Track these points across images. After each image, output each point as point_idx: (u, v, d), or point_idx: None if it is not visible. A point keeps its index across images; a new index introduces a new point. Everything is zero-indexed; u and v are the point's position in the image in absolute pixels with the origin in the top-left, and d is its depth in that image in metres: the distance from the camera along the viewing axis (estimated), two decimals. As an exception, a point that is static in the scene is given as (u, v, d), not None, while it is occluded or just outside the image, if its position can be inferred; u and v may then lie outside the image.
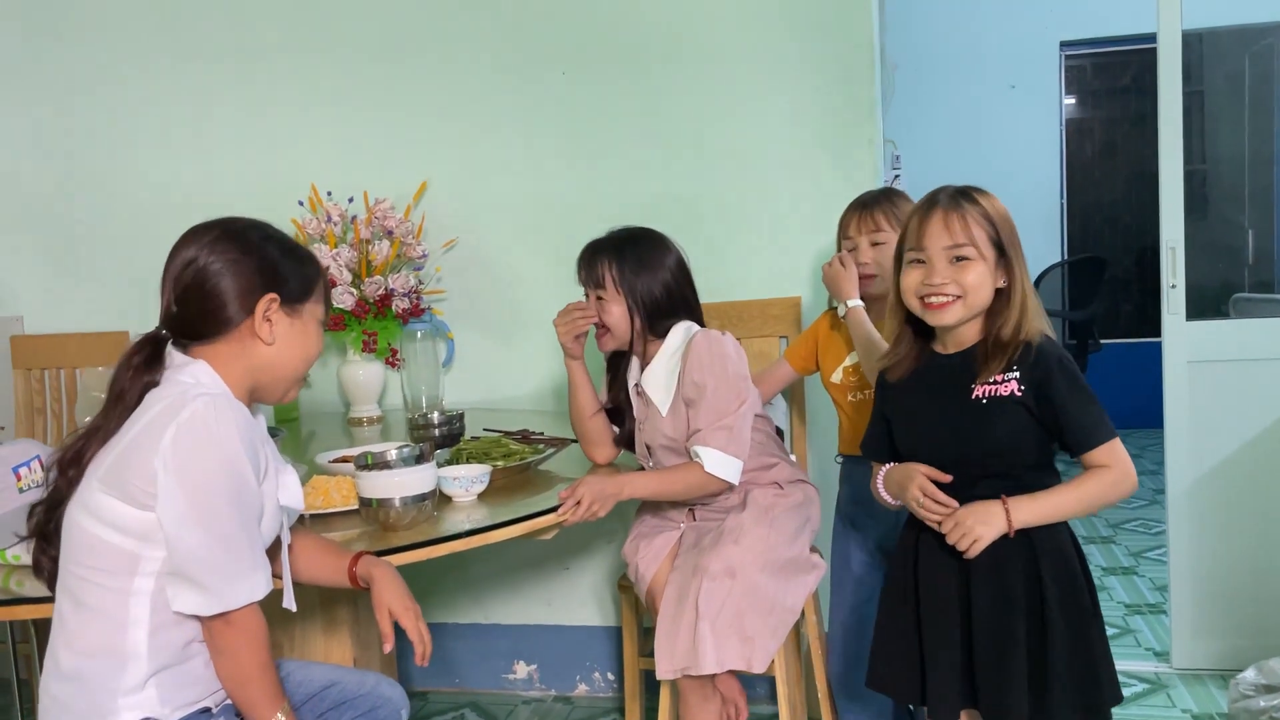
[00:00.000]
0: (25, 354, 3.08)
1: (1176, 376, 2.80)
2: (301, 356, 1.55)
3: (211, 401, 1.39)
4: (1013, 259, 1.68)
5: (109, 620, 1.40)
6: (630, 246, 2.16)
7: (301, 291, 1.53)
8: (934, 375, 1.74)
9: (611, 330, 2.15)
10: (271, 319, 1.49)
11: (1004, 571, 1.66)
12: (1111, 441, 1.65)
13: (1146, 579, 3.63)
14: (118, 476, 1.38)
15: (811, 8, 2.71)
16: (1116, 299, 6.33)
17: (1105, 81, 6.39)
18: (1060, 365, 1.65)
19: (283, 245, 1.54)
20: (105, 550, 1.39)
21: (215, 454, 1.37)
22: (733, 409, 2.06)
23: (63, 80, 3.19)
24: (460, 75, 2.95)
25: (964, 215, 1.67)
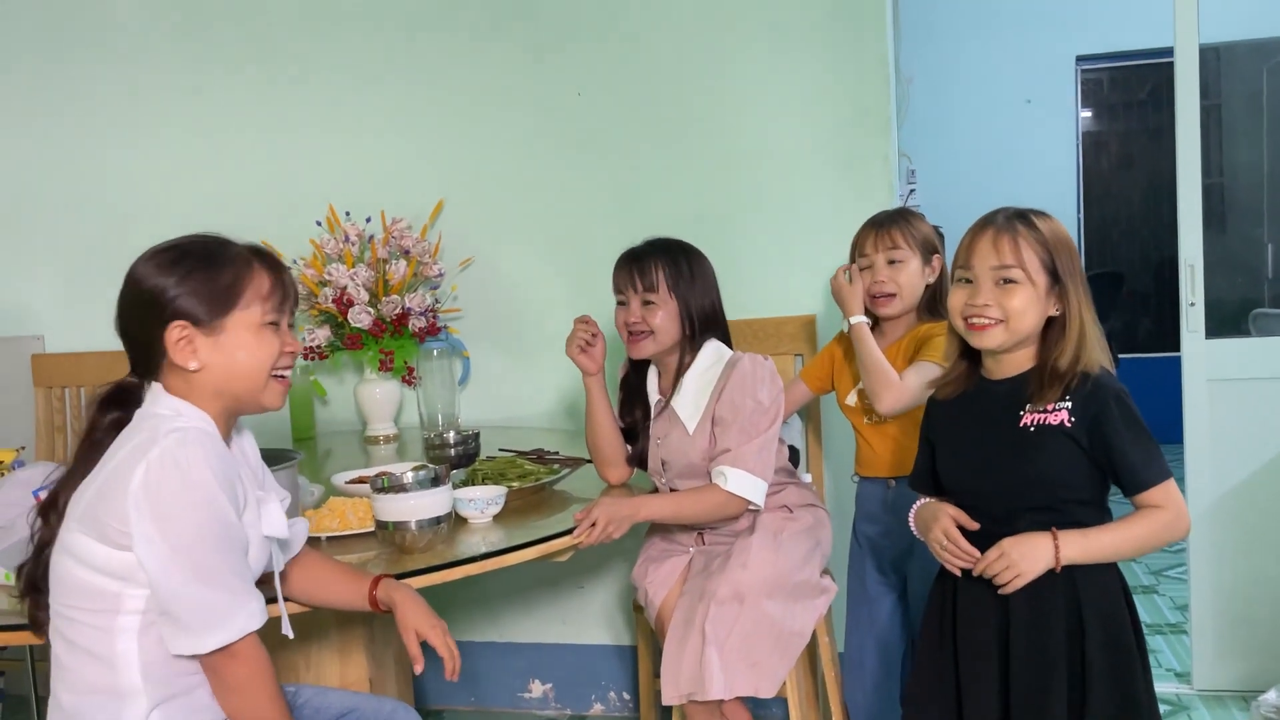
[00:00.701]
0: (46, 372, 3.10)
1: (1196, 395, 2.78)
2: (242, 371, 1.45)
3: (181, 437, 1.36)
4: (1069, 287, 1.61)
5: (100, 660, 1.39)
6: (681, 254, 2.17)
7: (219, 306, 1.44)
8: (981, 401, 1.69)
9: (656, 334, 2.12)
10: (191, 343, 1.43)
11: (1043, 619, 1.60)
12: (1166, 482, 1.58)
13: (1167, 598, 3.60)
14: (93, 517, 1.37)
15: (826, 24, 2.71)
16: (1134, 314, 6.30)
17: (1122, 95, 6.37)
18: (1118, 400, 1.58)
19: (194, 260, 1.45)
20: (88, 591, 1.38)
21: (188, 493, 1.34)
22: (762, 430, 2.06)
23: (83, 101, 3.22)
24: (476, 95, 2.96)
25: (1015, 237, 1.61)
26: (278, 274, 1.51)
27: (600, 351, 2.20)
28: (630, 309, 2.15)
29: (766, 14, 2.75)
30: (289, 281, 1.53)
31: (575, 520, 1.90)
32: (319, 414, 3.10)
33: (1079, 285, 1.63)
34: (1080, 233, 6.07)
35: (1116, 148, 6.40)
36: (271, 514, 1.50)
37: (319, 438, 3.02)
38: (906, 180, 5.38)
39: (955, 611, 1.71)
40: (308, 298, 2.90)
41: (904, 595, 2.28)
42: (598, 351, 2.20)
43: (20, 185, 3.29)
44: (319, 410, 3.11)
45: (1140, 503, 1.60)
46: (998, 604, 1.62)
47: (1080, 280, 1.63)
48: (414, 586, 1.70)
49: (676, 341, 2.15)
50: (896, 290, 2.21)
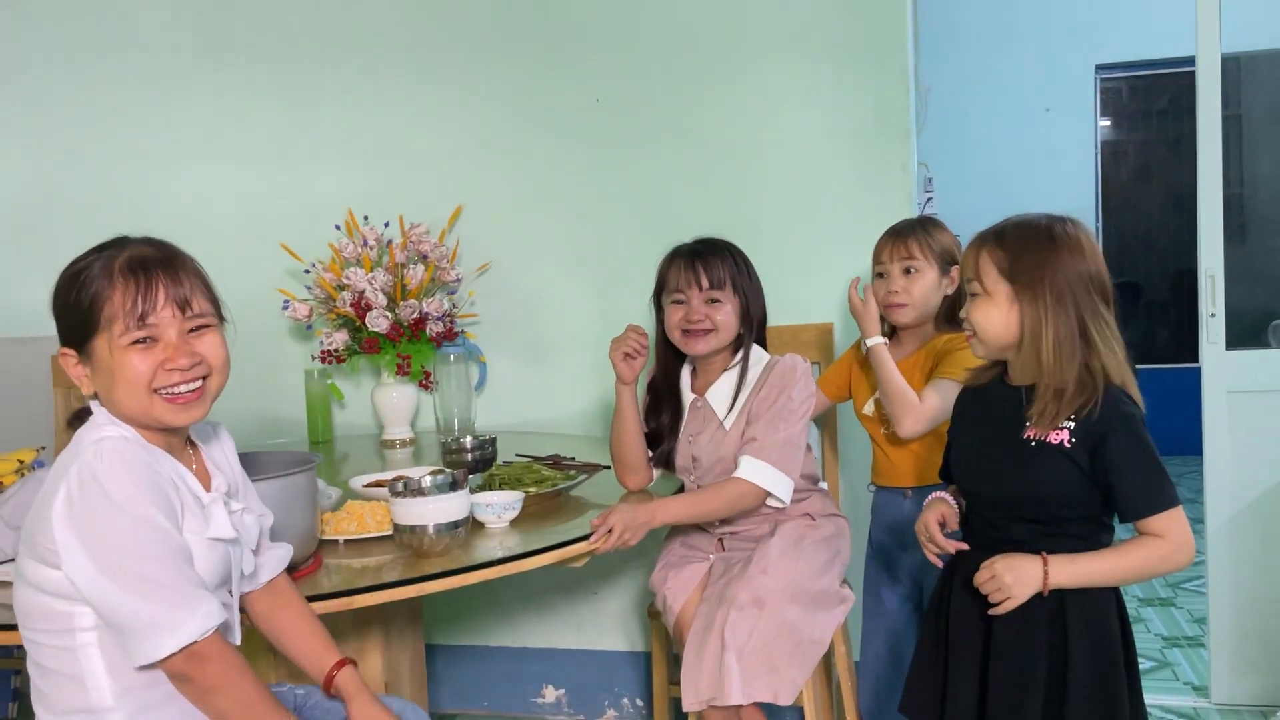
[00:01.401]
0: (65, 373, 3.12)
1: (1216, 406, 2.76)
2: (121, 396, 1.38)
3: (96, 449, 1.33)
4: (1021, 296, 1.57)
5: (70, 679, 1.37)
6: (739, 253, 2.21)
7: (82, 332, 1.39)
8: (996, 405, 1.68)
9: (718, 331, 2.14)
10: (78, 371, 1.41)
11: (1027, 629, 1.59)
12: (1168, 512, 1.54)
13: (1184, 610, 3.57)
14: (30, 539, 1.36)
15: (846, 32, 2.71)
16: (1152, 324, 6.26)
17: (1141, 104, 6.34)
18: (1124, 424, 1.54)
19: (60, 284, 1.43)
20: (43, 613, 1.37)
21: (108, 502, 1.30)
22: (790, 424, 2.07)
23: (103, 105, 3.25)
24: (495, 103, 2.97)
25: (977, 251, 1.63)
26: (147, 280, 1.40)
27: (640, 365, 2.19)
28: (692, 306, 2.14)
29: (786, 23, 2.75)
30: (167, 283, 1.40)
31: (592, 527, 1.90)
32: (336, 417, 3.11)
33: (1046, 292, 1.56)
34: (1098, 242, 6.04)
35: (1135, 157, 6.37)
36: (215, 515, 1.45)
37: (336, 441, 3.03)
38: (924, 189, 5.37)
39: (949, 611, 1.72)
40: (326, 301, 2.92)
41: (919, 606, 2.27)
42: (638, 363, 2.18)
43: (44, 189, 3.32)
44: (336, 413, 3.12)
45: (1140, 529, 1.57)
46: (983, 614, 1.63)
47: (1052, 287, 1.56)
48: (429, 591, 1.71)
49: (733, 339, 2.17)
50: (909, 300, 2.20)
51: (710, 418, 2.17)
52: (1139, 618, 3.52)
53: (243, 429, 2.93)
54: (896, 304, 2.22)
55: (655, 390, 2.29)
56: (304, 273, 2.98)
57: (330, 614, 1.71)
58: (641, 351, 2.18)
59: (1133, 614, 3.52)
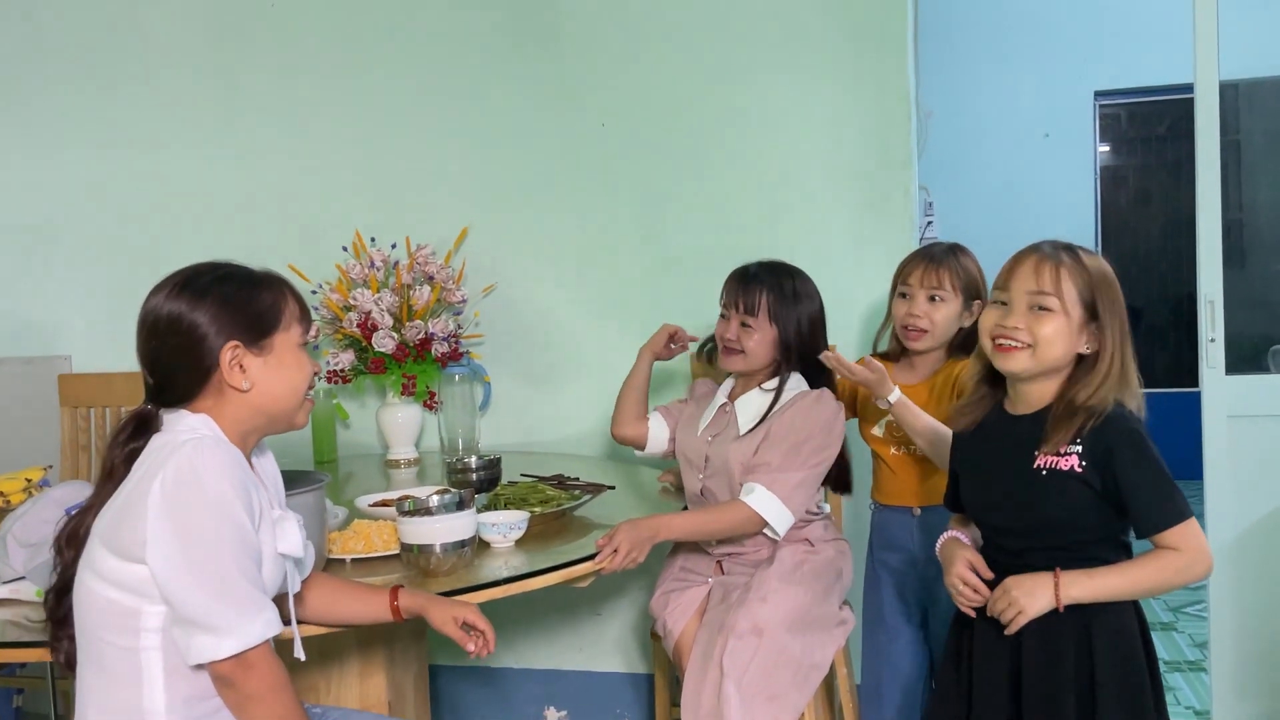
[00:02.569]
0: (73, 392, 3.14)
1: (1216, 431, 2.78)
2: (288, 389, 1.51)
3: (196, 445, 1.38)
4: (1106, 325, 1.60)
5: (124, 680, 1.39)
6: (789, 280, 2.23)
7: (265, 327, 1.48)
8: (1001, 435, 1.69)
9: (747, 355, 2.19)
10: (242, 365, 1.46)
11: (1055, 658, 1.60)
12: (1182, 524, 1.55)
13: (1186, 635, 3.57)
14: (114, 533, 1.38)
15: (848, 58, 2.75)
16: (1152, 348, 6.28)
17: (1140, 130, 6.39)
18: (1130, 440, 1.56)
19: (235, 284, 1.49)
20: (110, 609, 1.39)
21: (202, 496, 1.35)
22: (807, 463, 2.08)
23: (113, 125, 3.28)
24: (502, 125, 3.00)
25: (1058, 266, 1.61)
26: (300, 298, 1.57)
27: (675, 354, 2.50)
28: (729, 325, 2.21)
29: (789, 48, 2.78)
30: (308, 306, 1.60)
31: (597, 547, 1.91)
32: (341, 437, 3.13)
33: (1118, 326, 1.61)
34: (1098, 267, 6.07)
35: (1135, 182, 6.41)
36: (288, 532, 1.50)
37: (341, 461, 3.05)
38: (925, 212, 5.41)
39: (971, 652, 1.71)
40: (332, 322, 2.94)
41: (924, 624, 2.28)
42: (675, 351, 2.48)
43: (53, 208, 3.34)
44: (341, 433, 3.13)
45: (1156, 544, 1.58)
46: (1011, 644, 1.62)
47: (1121, 322, 1.61)
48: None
49: (766, 365, 2.21)
50: (930, 327, 2.21)
51: (732, 424, 2.20)
52: (1140, 642, 3.52)
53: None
54: (916, 329, 2.22)
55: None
56: (311, 293, 3.00)
57: (335, 633, 1.72)
58: (680, 348, 2.49)
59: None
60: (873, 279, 2.74)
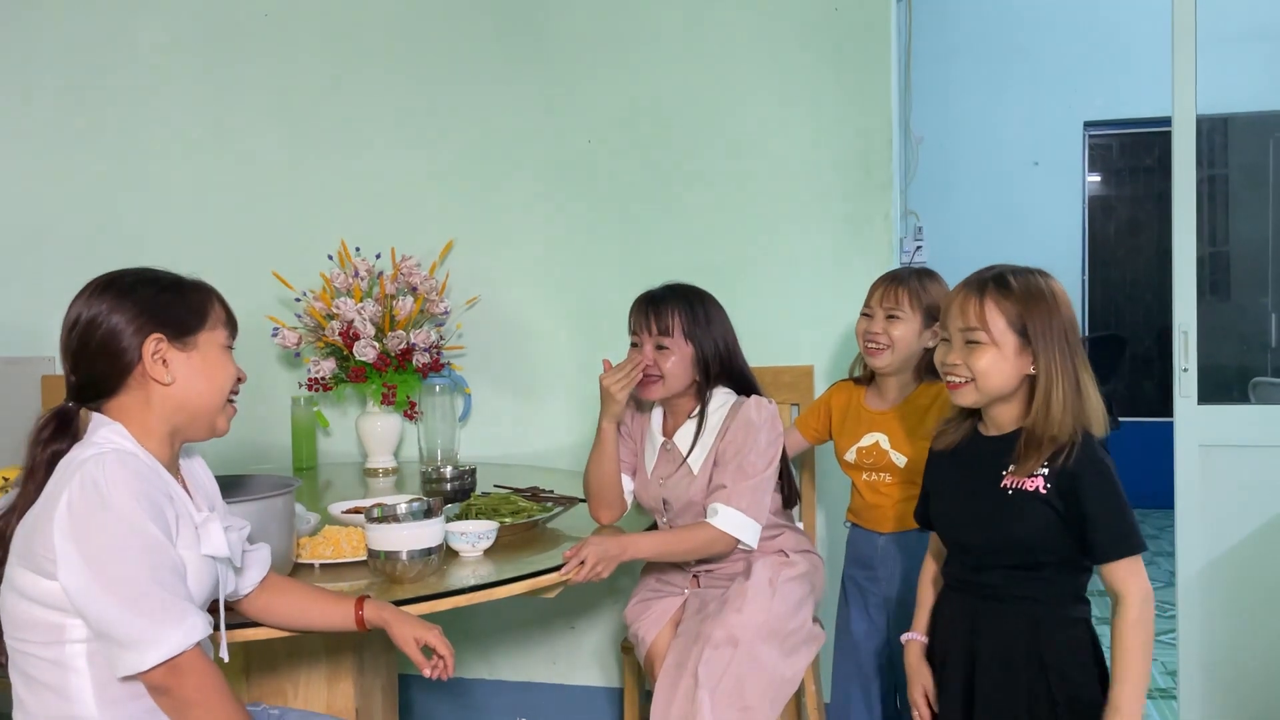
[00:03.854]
0: (55, 393, 3.15)
1: (1188, 460, 2.80)
2: (211, 388, 1.50)
3: (98, 460, 1.36)
4: (1039, 348, 1.62)
5: (54, 692, 1.39)
6: (698, 300, 2.20)
7: (191, 323, 1.49)
8: (972, 455, 1.73)
9: (666, 380, 2.15)
10: (165, 359, 1.46)
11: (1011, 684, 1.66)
12: (1130, 559, 1.60)
13: (1158, 663, 3.58)
14: (27, 549, 1.38)
15: (832, 82, 2.78)
16: (1138, 377, 6.31)
17: (1129, 161, 6.44)
18: (1095, 469, 1.60)
19: (161, 283, 1.50)
20: (33, 624, 1.38)
21: (105, 514, 1.34)
22: (758, 471, 2.09)
23: (103, 130, 3.31)
24: (489, 140, 3.04)
25: (982, 299, 1.64)
26: (228, 307, 1.58)
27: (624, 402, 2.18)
28: (644, 351, 2.17)
29: (773, 68, 2.82)
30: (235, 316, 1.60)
31: (564, 558, 1.93)
32: (321, 445, 3.14)
33: (1056, 347, 1.63)
34: (1084, 296, 6.11)
35: (1123, 213, 6.47)
36: (212, 534, 1.49)
37: (320, 468, 3.06)
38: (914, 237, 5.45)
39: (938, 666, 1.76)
40: (315, 330, 2.96)
41: (889, 642, 2.29)
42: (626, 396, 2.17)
43: (37, 210, 3.37)
44: (321, 441, 3.15)
45: (1103, 574, 1.62)
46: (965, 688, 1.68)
47: (1060, 341, 1.63)
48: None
49: (687, 386, 2.18)
50: (889, 343, 2.24)
51: (677, 460, 2.19)
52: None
53: (228, 454, 2.98)
54: (874, 347, 2.26)
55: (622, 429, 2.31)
56: (295, 301, 3.02)
57: (304, 638, 1.73)
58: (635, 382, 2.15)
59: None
60: (851, 300, 2.74)
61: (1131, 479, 4.65)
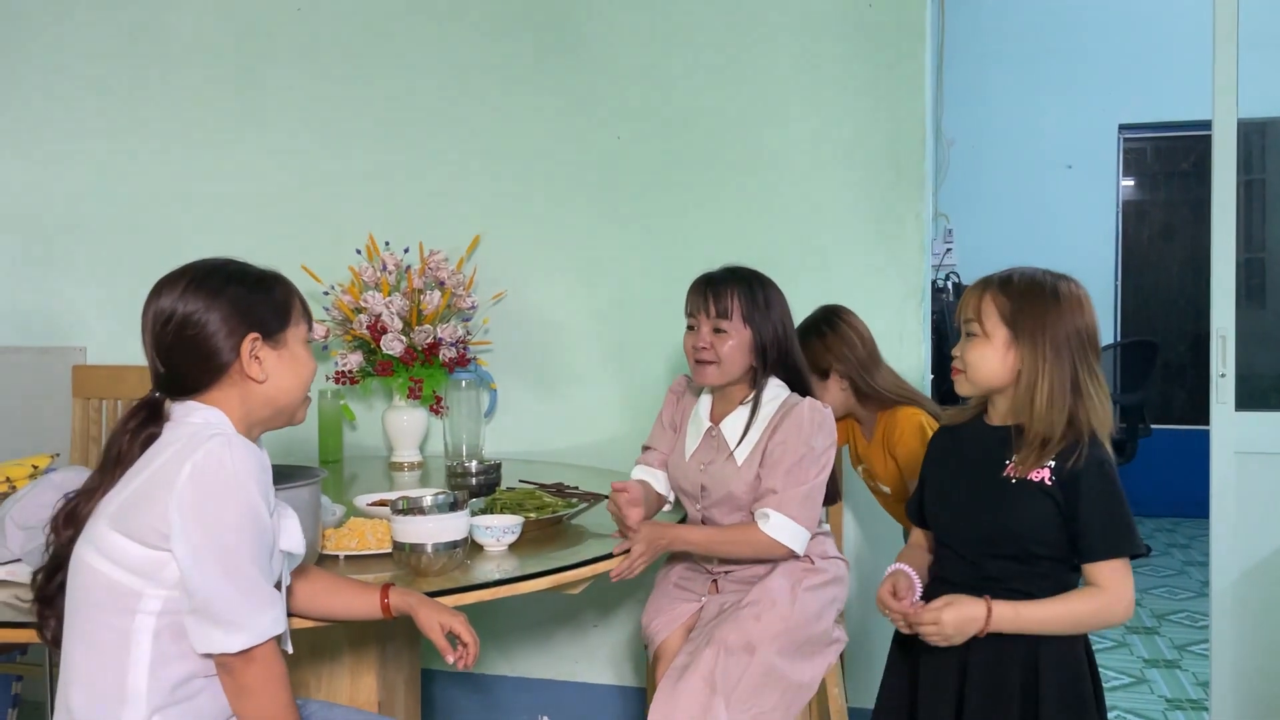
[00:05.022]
0: (85, 384, 3.17)
1: (1224, 467, 2.75)
2: (297, 383, 1.54)
3: (226, 441, 1.40)
4: (1024, 344, 1.64)
5: (111, 659, 1.40)
6: (759, 285, 2.15)
7: (279, 320, 1.52)
8: (974, 444, 1.75)
9: (721, 364, 2.10)
10: (259, 357, 1.49)
11: (1001, 672, 1.64)
12: (1114, 561, 1.61)
13: (1189, 673, 3.53)
14: (128, 515, 1.39)
15: (865, 80, 2.76)
16: (1170, 384, 6.23)
17: (1164, 165, 6.36)
18: (1098, 468, 1.62)
19: (250, 279, 1.53)
20: (110, 588, 1.40)
21: (231, 493, 1.37)
22: (810, 478, 2.05)
23: (135, 122, 3.33)
24: (518, 136, 3.03)
25: (982, 293, 1.69)
26: (303, 296, 1.60)
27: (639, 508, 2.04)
28: (700, 334, 2.13)
29: (806, 66, 2.80)
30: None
31: (616, 550, 1.94)
32: (346, 438, 3.15)
33: (1045, 344, 1.64)
34: (1117, 301, 6.04)
35: (1157, 217, 6.38)
36: (290, 528, 1.53)
37: (345, 461, 3.06)
38: (944, 240, 5.41)
39: (916, 664, 1.76)
40: (342, 323, 2.96)
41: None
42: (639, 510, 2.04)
43: (74, 201, 3.39)
44: (347, 434, 3.15)
45: (1086, 574, 1.63)
46: (958, 663, 1.67)
47: (1051, 340, 1.64)
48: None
49: (742, 372, 2.14)
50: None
51: (723, 449, 2.15)
52: (1144, 679, 3.49)
53: (254, 445, 2.98)
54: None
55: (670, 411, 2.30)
56: (323, 294, 3.03)
57: (326, 628, 1.73)
58: (635, 502, 2.01)
59: (1137, 675, 3.50)
60: (882, 303, 2.74)
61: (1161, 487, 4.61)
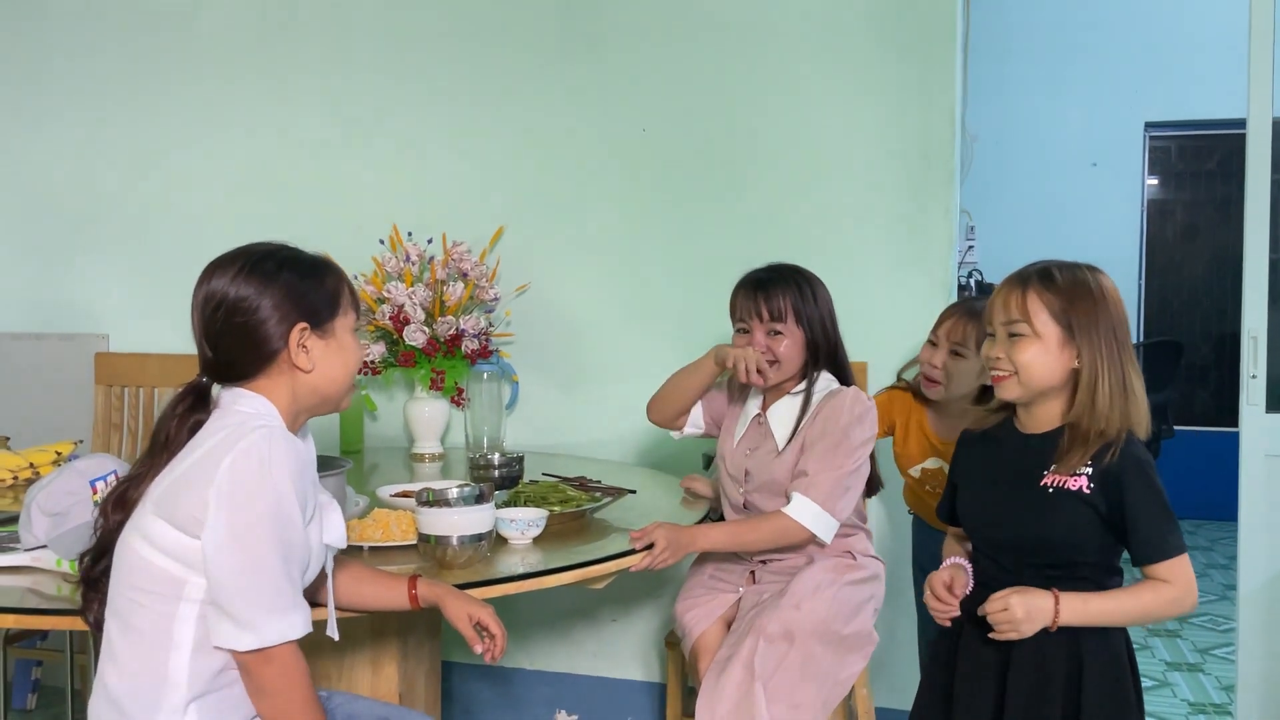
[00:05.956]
0: (108, 371, 3.18)
1: (1254, 470, 2.72)
2: (344, 373, 1.54)
3: (268, 435, 1.40)
4: (1082, 341, 1.60)
5: (153, 644, 1.41)
6: (805, 282, 2.17)
7: (329, 310, 1.52)
8: (1008, 452, 1.71)
9: (781, 365, 2.13)
10: (306, 346, 1.49)
11: (1045, 679, 1.61)
12: (1178, 558, 1.59)
13: (1213, 677, 3.50)
14: (171, 502, 1.40)
15: (894, 70, 2.73)
16: (1193, 385, 6.17)
17: (1189, 164, 6.29)
18: (1138, 469, 1.59)
19: (302, 267, 1.52)
20: (154, 574, 1.40)
21: (265, 490, 1.37)
22: (843, 465, 2.04)
23: (160, 108, 3.33)
24: (543, 128, 3.01)
25: (1025, 291, 1.63)
26: (352, 284, 1.60)
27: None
28: (754, 339, 2.14)
29: (835, 60, 2.77)
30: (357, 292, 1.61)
31: (631, 539, 1.92)
32: (367, 429, 3.14)
33: (1100, 340, 1.60)
34: (1140, 300, 5.98)
35: (1182, 217, 6.31)
36: (335, 522, 1.53)
37: (366, 452, 3.06)
38: (966, 236, 5.36)
39: (956, 659, 1.72)
40: (366, 313, 2.95)
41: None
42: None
43: (98, 188, 3.40)
44: (368, 425, 3.15)
45: (1149, 574, 1.61)
46: (999, 659, 1.64)
47: (1105, 335, 1.61)
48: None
49: (799, 368, 2.16)
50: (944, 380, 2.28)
51: (768, 437, 2.16)
52: (1166, 682, 3.45)
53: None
54: (931, 380, 2.30)
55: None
56: (346, 284, 3.02)
57: (347, 619, 1.72)
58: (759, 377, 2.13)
59: (1159, 679, 3.47)
60: (910, 297, 2.72)
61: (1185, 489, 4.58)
